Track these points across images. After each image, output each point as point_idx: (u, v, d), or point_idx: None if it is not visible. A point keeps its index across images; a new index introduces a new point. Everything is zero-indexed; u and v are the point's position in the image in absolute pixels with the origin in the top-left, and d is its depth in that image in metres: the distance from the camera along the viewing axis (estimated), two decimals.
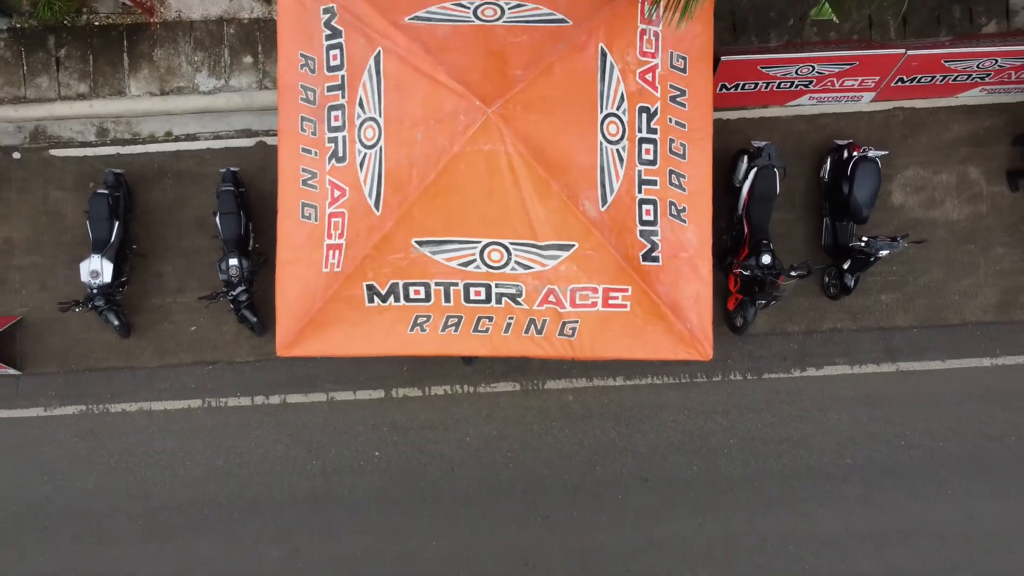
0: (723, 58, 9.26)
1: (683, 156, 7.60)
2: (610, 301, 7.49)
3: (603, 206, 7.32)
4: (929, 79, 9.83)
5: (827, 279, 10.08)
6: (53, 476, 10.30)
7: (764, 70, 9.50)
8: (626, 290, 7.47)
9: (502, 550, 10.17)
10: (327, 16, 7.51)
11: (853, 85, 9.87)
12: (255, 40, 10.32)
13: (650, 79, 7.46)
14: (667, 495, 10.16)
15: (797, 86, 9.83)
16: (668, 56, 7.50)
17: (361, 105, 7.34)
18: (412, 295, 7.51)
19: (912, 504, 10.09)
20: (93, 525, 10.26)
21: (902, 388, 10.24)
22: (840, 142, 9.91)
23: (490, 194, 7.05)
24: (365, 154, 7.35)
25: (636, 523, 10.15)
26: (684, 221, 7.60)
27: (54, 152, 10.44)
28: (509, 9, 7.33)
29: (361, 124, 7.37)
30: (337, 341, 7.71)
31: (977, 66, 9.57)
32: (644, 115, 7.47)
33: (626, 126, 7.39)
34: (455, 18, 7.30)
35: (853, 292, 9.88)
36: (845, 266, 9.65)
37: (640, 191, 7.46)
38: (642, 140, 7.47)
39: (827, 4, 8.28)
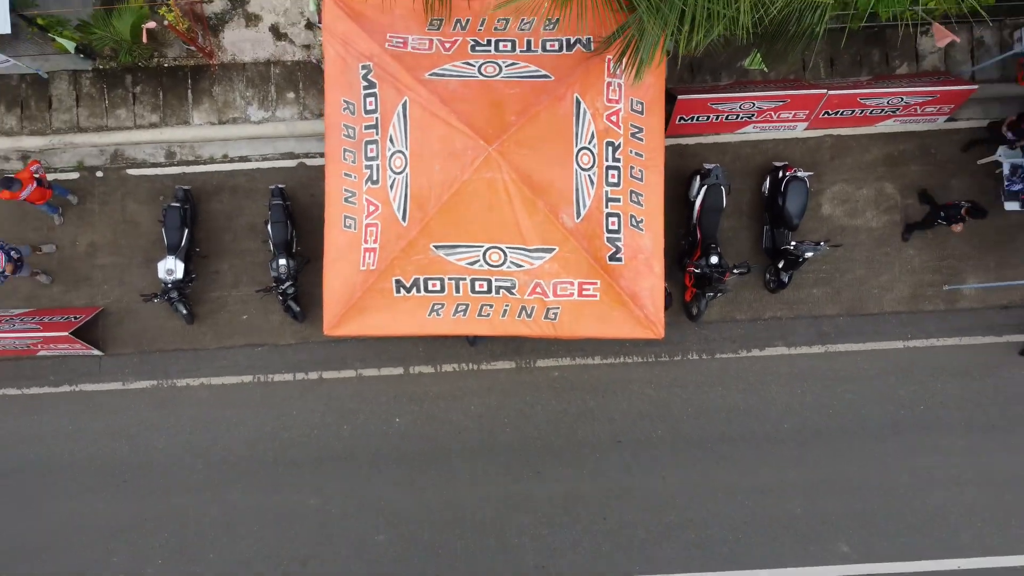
0: (679, 97, 11.44)
1: (641, 179, 9.76)
2: (584, 292, 9.67)
3: (578, 219, 9.50)
4: (850, 112, 12.00)
5: (767, 276, 12.24)
6: (130, 439, 12.46)
7: (714, 106, 11.67)
8: (596, 283, 9.64)
9: (501, 498, 12.31)
10: (364, 71, 9.69)
11: (788, 117, 12.05)
12: (296, 79, 12.49)
13: (614, 120, 9.64)
14: (636, 453, 12.32)
15: (742, 118, 12.00)
16: (629, 102, 9.67)
17: (391, 141, 9.52)
18: (430, 287, 9.68)
19: (837, 461, 12.24)
20: (162, 479, 12.41)
21: (830, 366, 12.42)
22: (778, 163, 12.07)
23: (490, 210, 9.23)
24: (394, 179, 9.53)
25: (610, 476, 12.30)
26: (642, 230, 9.76)
27: (130, 171, 12.61)
28: (505, 67, 9.51)
29: (391, 155, 9.55)
30: (371, 323, 9.88)
31: (887, 103, 11.75)
32: (610, 148, 9.64)
33: (596, 157, 9.57)
34: (464, 74, 9.48)
35: (789, 287, 12.08)
36: (780, 265, 11.82)
37: (607, 207, 9.64)
38: (608, 167, 9.65)
39: (758, 55, 10.40)
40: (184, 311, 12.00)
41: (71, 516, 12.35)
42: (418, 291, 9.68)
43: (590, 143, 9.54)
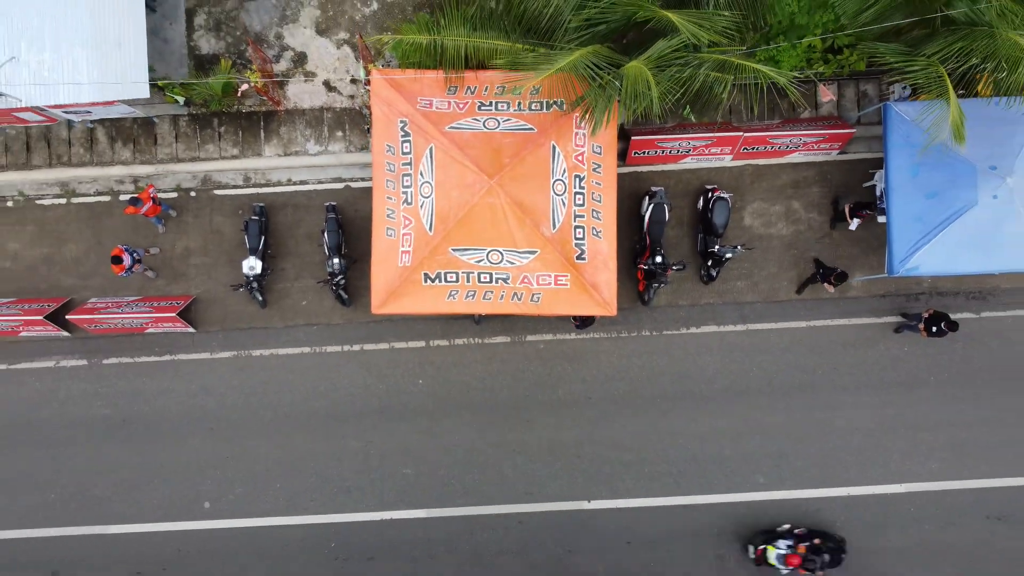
0: (633, 137, 15.32)
1: (599, 201, 13.61)
2: (558, 282, 13.52)
3: (553, 230, 13.36)
4: (763, 148, 15.86)
5: (702, 272, 16.09)
6: (215, 396, 16.31)
7: (660, 143, 15.53)
8: (567, 276, 13.48)
9: (499, 442, 16.13)
10: (402, 124, 13.56)
11: (717, 151, 15.90)
12: (343, 121, 16.35)
13: (580, 159, 13.49)
14: (604, 407, 16.15)
15: (682, 152, 15.85)
16: (590, 146, 13.53)
17: (421, 174, 13.39)
18: (448, 279, 13.52)
19: (754, 413, 16.06)
20: (239, 427, 16.25)
21: (750, 341, 16.27)
22: (708, 186, 15.93)
23: (492, 224, 13.08)
24: (423, 201, 13.40)
25: (584, 426, 16.13)
26: (600, 238, 13.61)
27: (216, 192, 16.49)
28: (502, 122, 13.38)
29: (421, 185, 13.42)
30: (406, 304, 13.72)
31: (791, 141, 15.60)
32: (577, 179, 13.50)
33: (566, 186, 13.43)
34: (473, 127, 13.35)
35: (717, 280, 15.94)
36: (710, 264, 15.68)
37: (574, 221, 13.49)
38: (576, 193, 13.50)
39: (689, 110, 14.20)
40: (259, 298, 15.86)
41: (170, 455, 16.20)
42: (440, 281, 13.54)
43: (562, 176, 13.41)
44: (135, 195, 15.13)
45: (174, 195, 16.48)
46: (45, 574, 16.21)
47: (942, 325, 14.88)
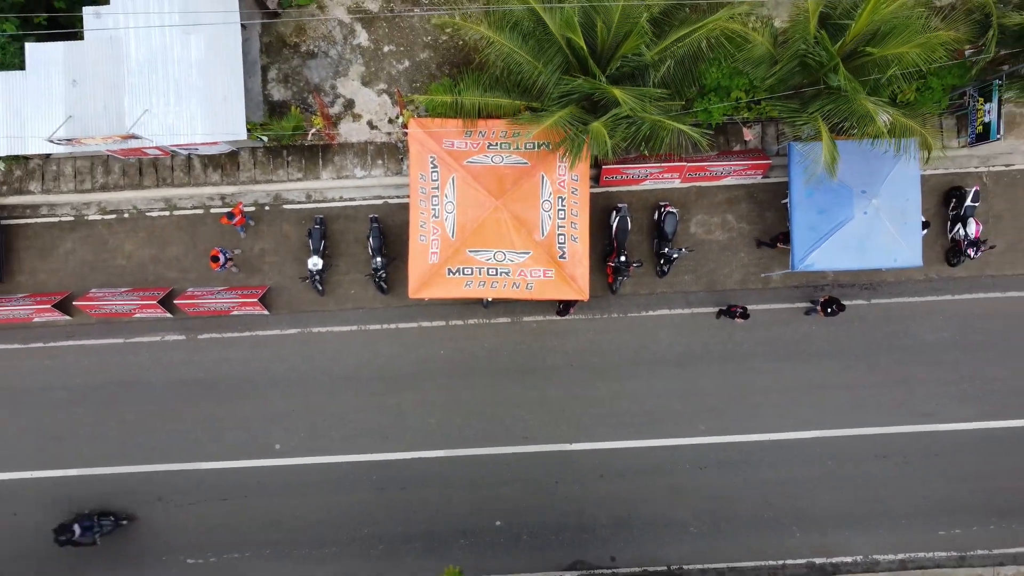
0: (604, 166, 20.30)
1: (576, 215, 18.59)
2: (546, 275, 18.49)
3: (542, 236, 18.35)
4: (704, 173, 20.83)
5: (657, 268, 21.07)
6: (284, 363, 21.24)
7: (625, 170, 20.50)
8: (552, 270, 18.48)
9: (502, 398, 21.07)
10: (431, 159, 18.55)
11: (668, 176, 20.86)
12: (383, 153, 21.29)
13: (562, 185, 18.48)
14: (581, 373, 21.08)
15: (641, 177, 20.83)
16: (570, 176, 18.51)
17: (446, 196, 18.37)
18: (465, 272, 18.50)
19: (697, 377, 20.99)
20: (302, 386, 21.17)
21: (694, 321, 21.23)
22: (662, 203, 20.90)
23: (497, 232, 18.07)
24: (447, 216, 18.38)
25: (566, 387, 21.07)
26: (576, 242, 18.59)
27: (285, 207, 21.45)
28: (505, 158, 18.36)
29: (445, 204, 18.40)
30: (434, 291, 18.71)
31: (723, 169, 20.58)
32: (560, 200, 18.49)
33: (552, 205, 18.41)
34: (483, 162, 18.33)
35: (669, 275, 20.93)
36: (662, 262, 20.66)
37: (558, 230, 18.48)
38: (559, 210, 18.49)
39: (644, 147, 19.11)
40: (319, 288, 20.81)
41: (249, 409, 21.12)
42: (459, 274, 18.49)
43: (549, 197, 18.39)
44: (230, 210, 20.08)
45: (252, 209, 21.43)
46: (152, 499, 21.14)
47: (834, 307, 19.86)
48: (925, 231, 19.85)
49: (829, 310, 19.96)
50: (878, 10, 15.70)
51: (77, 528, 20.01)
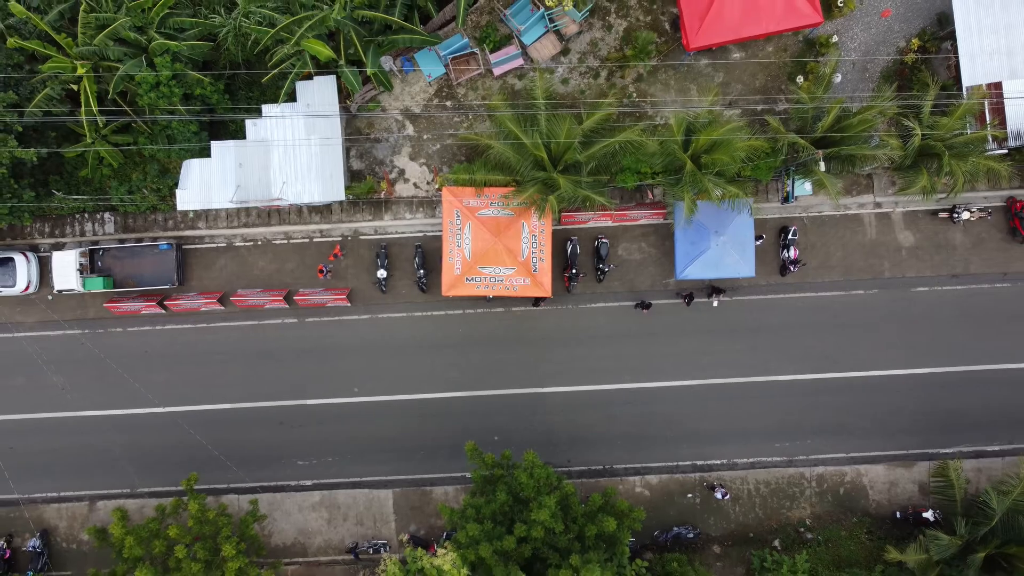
0: (562, 214, 32.52)
1: (544, 245, 30.82)
2: (525, 281, 30.79)
3: (523, 258, 30.64)
4: (626, 216, 33.03)
5: (597, 277, 33.26)
6: (360, 337, 33.42)
7: (576, 216, 32.72)
8: (528, 278, 30.77)
9: (500, 361, 33.24)
10: (456, 212, 30.81)
11: (603, 219, 33.08)
12: (424, 204, 33.46)
13: (534, 228, 30.73)
14: (549, 344, 33.25)
15: (587, 219, 33.03)
16: (539, 222, 30.76)
17: (465, 234, 30.63)
18: (477, 279, 30.78)
19: (625, 345, 33.14)
20: (372, 352, 33.33)
21: (622, 311, 33.40)
22: (600, 236, 33.12)
23: (496, 256, 30.29)
24: (466, 245, 30.64)
25: (540, 352, 33.26)
26: (543, 261, 30.86)
27: (361, 237, 33.69)
28: (501, 212, 30.60)
29: (465, 239, 30.67)
30: (458, 291, 30.97)
31: (636, 214, 32.78)
32: (533, 236, 30.75)
33: (528, 239, 30.68)
34: (488, 214, 30.54)
35: (605, 281, 33.17)
36: (600, 275, 32.89)
37: (532, 254, 30.77)
38: (533, 243, 30.75)
39: (583, 205, 31.33)
40: (383, 290, 33.02)
41: (338, 365, 33.28)
42: (474, 280, 30.75)
43: (527, 235, 30.67)
44: (328, 257, 32.40)
45: (339, 238, 33.65)
46: (275, 424, 33.33)
47: (689, 299, 32.16)
48: (759, 242, 32.00)
49: (687, 302, 32.28)
50: (711, 134, 27.95)
51: None
